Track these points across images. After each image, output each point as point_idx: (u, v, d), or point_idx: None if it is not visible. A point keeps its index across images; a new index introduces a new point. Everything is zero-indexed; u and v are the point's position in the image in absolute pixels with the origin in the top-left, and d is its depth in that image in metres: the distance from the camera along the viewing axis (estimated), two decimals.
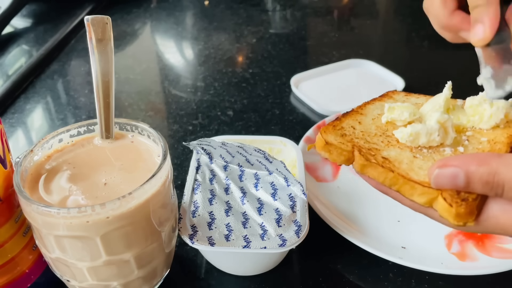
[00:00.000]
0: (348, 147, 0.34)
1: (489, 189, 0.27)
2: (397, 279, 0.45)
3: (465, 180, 0.27)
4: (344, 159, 0.34)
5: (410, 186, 0.30)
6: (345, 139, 0.35)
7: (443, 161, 0.28)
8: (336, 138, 0.35)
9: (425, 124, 0.34)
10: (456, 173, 0.27)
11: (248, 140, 0.53)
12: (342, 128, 0.36)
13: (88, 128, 0.41)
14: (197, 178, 0.48)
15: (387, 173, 0.31)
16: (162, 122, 0.73)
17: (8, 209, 0.36)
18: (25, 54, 0.96)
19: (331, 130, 0.36)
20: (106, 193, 0.35)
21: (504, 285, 0.44)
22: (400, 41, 1.03)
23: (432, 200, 0.29)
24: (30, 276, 0.40)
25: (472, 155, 0.27)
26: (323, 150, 0.34)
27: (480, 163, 0.26)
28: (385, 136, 0.36)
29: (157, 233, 0.38)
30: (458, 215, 0.28)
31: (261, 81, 0.82)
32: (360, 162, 0.33)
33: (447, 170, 0.27)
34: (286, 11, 1.17)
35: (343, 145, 0.34)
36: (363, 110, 0.39)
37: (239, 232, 0.42)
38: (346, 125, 0.37)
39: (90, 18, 0.37)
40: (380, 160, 0.32)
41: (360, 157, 0.33)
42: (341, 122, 0.37)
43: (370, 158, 0.32)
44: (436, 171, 0.28)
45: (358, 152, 0.33)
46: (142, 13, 1.15)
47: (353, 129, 0.36)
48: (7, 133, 0.67)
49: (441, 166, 0.28)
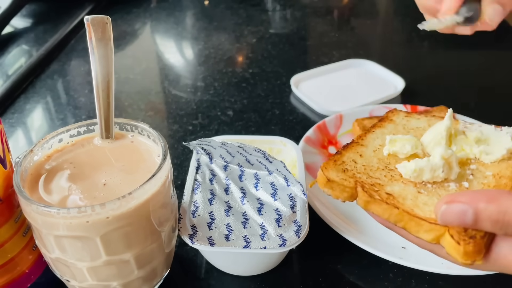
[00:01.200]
0: (351, 184, 0.33)
1: (498, 228, 0.26)
2: (397, 279, 0.45)
3: (474, 218, 0.26)
4: (347, 195, 0.33)
5: (416, 222, 0.30)
6: (347, 174, 0.34)
7: (451, 197, 0.27)
8: (338, 174, 0.34)
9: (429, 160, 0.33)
10: (464, 210, 0.26)
11: (248, 140, 0.53)
12: (343, 162, 0.35)
13: (88, 128, 0.41)
14: (197, 178, 0.48)
15: (392, 210, 0.31)
16: (162, 122, 0.73)
17: (8, 209, 0.36)
18: (25, 54, 0.96)
19: (332, 166, 0.35)
20: (104, 194, 0.35)
21: (504, 285, 0.44)
22: (400, 41, 1.03)
23: (439, 237, 0.29)
24: (30, 276, 0.40)
25: (481, 192, 0.26)
26: (326, 187, 0.34)
27: (489, 200, 0.25)
28: (388, 170, 0.35)
29: (157, 233, 0.38)
30: (466, 254, 0.27)
31: (261, 81, 0.82)
32: (364, 199, 0.32)
33: (455, 207, 0.26)
34: (286, 11, 1.17)
35: (345, 181, 0.33)
36: (363, 141, 0.38)
37: (239, 232, 0.42)
38: (347, 159, 0.36)
39: (90, 18, 0.37)
40: (384, 196, 0.32)
41: (363, 194, 0.32)
42: (342, 156, 0.36)
43: (373, 194, 0.32)
44: (444, 207, 0.27)
45: (361, 188, 0.32)
46: (142, 13, 1.15)
47: (354, 163, 0.35)
48: (7, 133, 0.67)
49: (449, 202, 0.27)
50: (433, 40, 0.98)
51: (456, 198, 0.27)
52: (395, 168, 0.35)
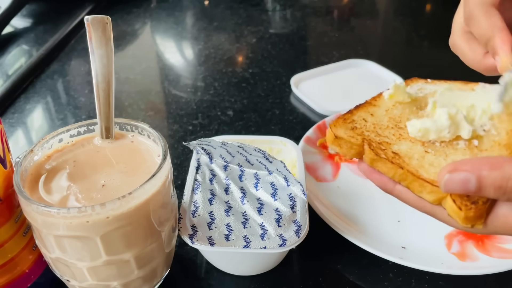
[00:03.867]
0: (358, 141, 0.33)
1: (501, 194, 0.26)
2: (397, 279, 0.45)
3: (477, 185, 0.26)
4: (354, 153, 0.33)
5: (419, 183, 0.30)
6: (355, 132, 0.34)
7: (454, 165, 0.27)
8: (346, 131, 0.34)
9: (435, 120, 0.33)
10: (467, 178, 0.26)
11: (248, 140, 0.53)
12: (353, 121, 0.35)
13: (88, 128, 0.41)
14: (197, 178, 0.48)
15: (397, 169, 0.31)
16: (162, 122, 0.73)
17: (8, 209, 0.36)
18: (25, 54, 0.96)
19: (341, 124, 0.35)
20: (102, 196, 0.35)
21: (504, 285, 0.44)
22: (400, 41, 1.03)
23: (441, 198, 0.29)
24: (30, 276, 0.40)
25: (484, 159, 0.27)
26: (333, 144, 0.34)
27: (492, 167, 0.26)
28: (397, 128, 0.35)
29: (157, 233, 0.38)
30: (466, 218, 0.27)
31: (261, 81, 0.82)
32: (370, 157, 0.32)
33: (458, 175, 0.26)
34: (286, 11, 1.17)
35: (352, 138, 0.33)
36: (377, 101, 0.38)
37: (239, 232, 0.42)
38: (357, 117, 0.36)
39: (90, 18, 0.37)
40: (390, 155, 0.32)
41: (370, 152, 0.32)
42: (353, 115, 0.36)
43: (380, 153, 0.32)
44: (447, 176, 0.27)
45: (368, 146, 0.32)
46: (142, 13, 1.15)
47: (364, 121, 0.35)
48: (7, 133, 0.67)
49: (452, 171, 0.27)
50: (433, 40, 0.98)
51: (459, 166, 0.27)
52: (405, 126, 0.35)
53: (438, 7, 1.17)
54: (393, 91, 0.37)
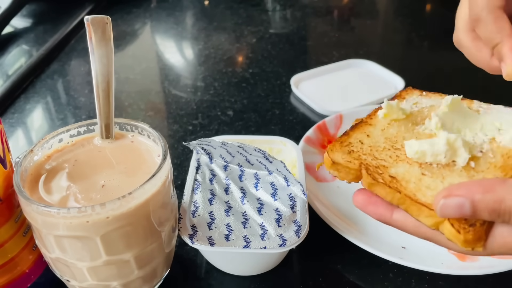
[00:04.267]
0: (355, 166, 0.33)
1: (496, 216, 0.26)
2: (397, 279, 0.45)
3: (471, 210, 0.26)
4: (352, 177, 0.33)
5: (417, 207, 0.30)
6: (352, 156, 0.34)
7: (448, 191, 0.27)
8: (343, 156, 0.34)
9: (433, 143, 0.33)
10: (461, 203, 0.26)
11: (248, 140, 0.53)
12: (349, 144, 0.35)
13: (88, 128, 0.41)
14: (197, 178, 0.48)
15: (394, 194, 0.31)
16: (162, 122, 0.73)
17: (8, 209, 0.36)
18: (25, 54, 0.96)
19: (338, 148, 0.35)
20: (101, 196, 0.35)
21: (504, 285, 0.44)
22: (400, 41, 1.03)
23: (439, 222, 0.29)
24: (30, 276, 0.40)
25: (477, 182, 0.27)
26: (331, 169, 0.34)
27: (485, 190, 0.26)
28: (394, 150, 0.34)
29: (157, 233, 0.38)
30: (466, 241, 0.27)
31: (261, 81, 0.82)
32: (368, 181, 0.32)
33: (452, 201, 0.27)
34: (286, 11, 1.17)
35: (350, 163, 0.33)
36: (372, 119, 0.38)
37: (239, 232, 0.42)
38: (354, 140, 0.36)
39: (90, 18, 0.37)
40: (388, 179, 0.32)
41: (367, 177, 0.32)
42: (349, 137, 0.36)
43: (377, 177, 0.32)
44: (442, 202, 0.27)
45: (366, 171, 0.32)
46: (142, 13, 1.15)
47: (361, 144, 0.35)
48: (7, 133, 0.67)
49: (446, 196, 0.27)
50: (433, 40, 0.98)
51: (453, 191, 0.27)
52: (401, 147, 0.34)
53: (438, 7, 1.17)
54: (386, 110, 0.37)
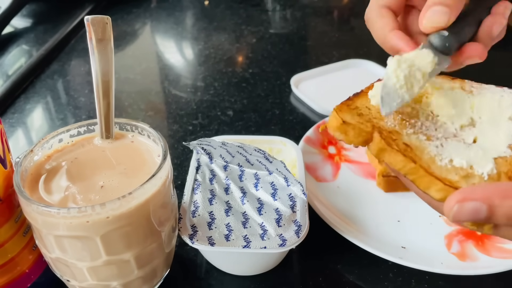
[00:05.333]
0: (368, 128, 0.31)
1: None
2: (397, 279, 0.45)
3: (488, 215, 0.25)
4: (362, 140, 0.31)
5: (430, 180, 0.29)
6: (363, 118, 0.32)
7: (463, 195, 0.26)
8: (354, 117, 0.32)
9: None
10: (478, 208, 0.25)
11: (248, 140, 0.53)
12: (356, 107, 0.33)
13: (88, 128, 0.41)
14: (197, 178, 0.48)
15: (408, 163, 0.29)
16: (162, 122, 0.73)
17: (8, 209, 0.36)
18: (25, 54, 0.96)
19: (346, 109, 0.33)
20: (100, 197, 0.35)
21: (504, 285, 0.44)
22: None
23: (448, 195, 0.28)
24: (30, 276, 0.40)
25: (493, 186, 0.26)
26: (338, 131, 0.32)
27: (504, 195, 0.25)
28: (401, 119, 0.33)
29: (157, 233, 0.38)
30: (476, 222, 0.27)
31: (261, 81, 0.82)
32: (380, 146, 0.30)
33: (468, 205, 0.26)
34: (286, 11, 1.17)
35: (362, 125, 0.31)
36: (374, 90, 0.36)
37: (239, 232, 0.42)
38: (360, 104, 0.34)
39: (90, 18, 0.37)
40: (402, 147, 0.30)
41: (380, 141, 0.30)
42: (354, 102, 0.34)
43: (391, 143, 0.30)
44: (456, 207, 0.26)
45: (379, 134, 0.30)
46: (142, 13, 1.15)
47: (368, 109, 0.33)
48: (7, 133, 0.67)
49: (462, 201, 0.26)
50: None
51: (469, 195, 0.26)
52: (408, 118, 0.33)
53: None
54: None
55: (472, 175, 0.29)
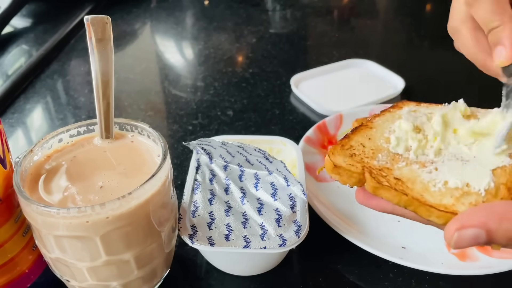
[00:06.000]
0: (358, 169, 0.32)
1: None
2: (397, 279, 0.45)
3: (487, 239, 0.26)
4: (355, 181, 0.33)
5: (426, 209, 0.29)
6: (354, 159, 0.33)
7: (460, 223, 0.26)
8: (345, 159, 0.33)
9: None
10: (477, 234, 0.25)
11: (248, 140, 0.53)
12: (351, 147, 0.34)
13: (88, 128, 0.41)
14: (197, 178, 0.48)
15: (401, 196, 0.30)
16: (162, 122, 0.73)
17: (8, 209, 0.36)
18: (25, 54, 0.96)
19: (339, 151, 0.34)
20: (100, 197, 0.35)
21: (504, 285, 0.44)
22: (400, 41, 1.03)
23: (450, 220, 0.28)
24: (30, 276, 0.40)
25: (488, 209, 0.26)
26: (333, 173, 0.33)
27: (500, 219, 0.25)
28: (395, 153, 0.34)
29: (157, 233, 0.38)
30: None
31: (261, 81, 0.82)
32: (372, 185, 0.31)
33: (467, 232, 0.26)
34: (286, 11, 1.17)
35: (352, 167, 0.32)
36: (372, 123, 0.37)
37: (239, 232, 0.42)
38: (355, 143, 0.35)
39: (90, 18, 0.37)
40: (393, 182, 0.31)
41: (371, 180, 0.31)
42: (350, 140, 0.35)
43: (381, 180, 0.31)
44: (456, 236, 0.26)
45: (369, 174, 0.31)
46: (142, 13, 1.15)
47: (363, 147, 0.34)
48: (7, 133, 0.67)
49: (460, 229, 0.26)
50: (433, 40, 0.98)
51: (465, 222, 0.26)
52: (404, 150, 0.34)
53: (438, 7, 1.17)
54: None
55: (468, 194, 0.30)
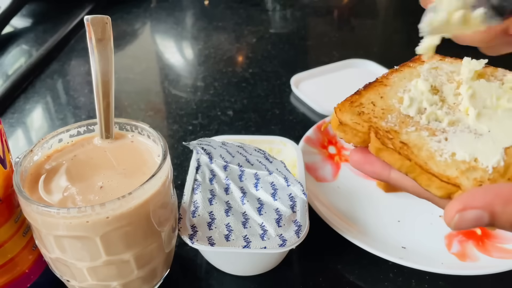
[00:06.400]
0: (364, 128, 0.31)
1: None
2: (397, 279, 0.45)
3: (490, 222, 0.25)
4: (359, 140, 0.31)
5: (428, 177, 0.28)
6: (361, 118, 0.32)
7: (463, 203, 0.25)
8: (352, 117, 0.32)
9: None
10: (479, 215, 0.25)
11: (248, 140, 0.53)
12: (360, 104, 0.33)
13: (88, 128, 0.41)
14: (197, 178, 0.48)
15: (404, 161, 0.29)
16: (162, 122, 0.73)
17: (8, 209, 0.36)
18: (25, 54, 0.96)
19: (347, 107, 0.32)
20: (100, 198, 0.35)
21: (504, 285, 0.44)
22: (400, 41, 1.03)
23: (450, 193, 0.28)
24: (30, 276, 0.40)
25: (494, 191, 0.25)
26: (338, 130, 0.32)
27: (506, 202, 0.24)
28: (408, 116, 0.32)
29: (157, 233, 0.38)
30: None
31: (261, 81, 0.82)
32: (376, 146, 0.30)
33: (469, 214, 0.25)
34: (286, 11, 1.17)
35: (358, 125, 0.31)
36: (388, 80, 0.35)
37: (239, 232, 0.42)
38: (365, 100, 0.33)
39: (90, 18, 0.37)
40: (398, 145, 0.30)
41: (376, 141, 0.30)
42: (361, 97, 0.33)
43: (387, 142, 0.30)
44: (457, 217, 0.25)
45: (375, 134, 0.30)
46: (142, 13, 1.15)
47: (373, 105, 0.33)
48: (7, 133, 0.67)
49: (462, 210, 0.25)
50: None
51: (469, 203, 0.25)
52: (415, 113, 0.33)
53: None
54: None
55: (474, 169, 0.28)
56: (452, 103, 0.33)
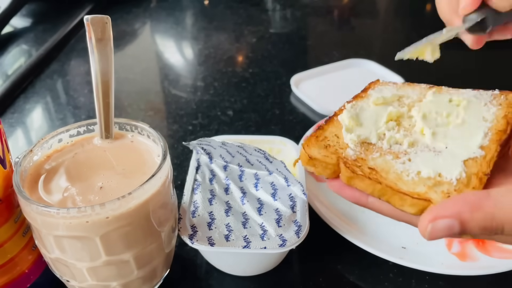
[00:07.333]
0: (333, 160, 0.32)
1: (487, 233, 0.26)
2: (397, 279, 0.45)
3: (461, 229, 0.26)
4: (329, 172, 0.33)
5: (400, 197, 0.30)
6: (328, 151, 0.33)
7: (433, 213, 0.26)
8: (320, 151, 0.33)
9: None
10: (450, 224, 0.26)
11: (248, 140, 0.53)
12: (325, 138, 0.35)
13: (88, 128, 0.41)
14: (197, 178, 0.48)
15: (375, 185, 0.30)
16: (162, 122, 0.73)
17: (7, 209, 0.36)
18: (25, 54, 0.96)
19: (314, 142, 0.34)
20: (100, 198, 0.35)
21: (504, 285, 0.44)
22: (400, 41, 1.03)
23: (423, 209, 0.29)
24: (30, 276, 0.40)
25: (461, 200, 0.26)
26: (308, 165, 0.33)
27: (473, 208, 0.25)
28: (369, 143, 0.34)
29: (157, 233, 0.38)
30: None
31: (261, 81, 0.82)
32: (347, 175, 0.31)
33: (440, 223, 0.26)
34: (286, 10, 1.17)
35: (327, 158, 0.33)
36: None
37: (239, 232, 0.42)
38: (329, 133, 0.35)
39: (90, 17, 0.37)
40: (367, 171, 0.31)
41: (346, 170, 0.31)
42: (324, 131, 0.35)
43: (356, 170, 0.31)
44: (430, 227, 0.26)
45: (344, 164, 0.32)
46: (142, 13, 1.15)
47: (337, 138, 0.35)
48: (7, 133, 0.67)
49: (433, 220, 0.26)
50: None
51: (439, 213, 0.26)
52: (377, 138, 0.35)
53: None
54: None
55: (440, 183, 0.30)
56: (408, 125, 0.35)
